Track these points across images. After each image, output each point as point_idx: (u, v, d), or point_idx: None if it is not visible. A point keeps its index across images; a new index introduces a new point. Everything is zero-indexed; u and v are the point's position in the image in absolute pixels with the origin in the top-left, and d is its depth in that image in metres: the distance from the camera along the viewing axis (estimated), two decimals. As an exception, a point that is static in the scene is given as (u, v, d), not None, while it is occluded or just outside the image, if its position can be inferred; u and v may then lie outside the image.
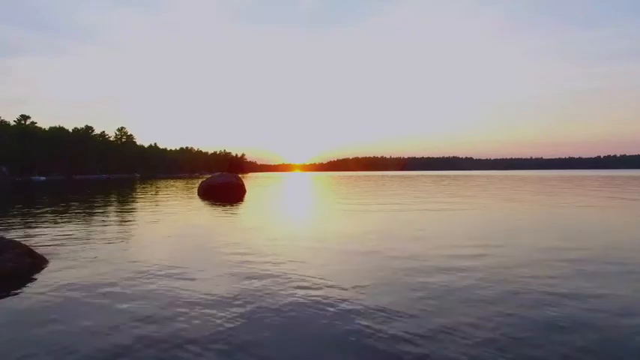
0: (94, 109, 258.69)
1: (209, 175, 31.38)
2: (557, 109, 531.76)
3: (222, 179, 24.15)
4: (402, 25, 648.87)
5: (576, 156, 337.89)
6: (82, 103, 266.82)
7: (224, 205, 18.19)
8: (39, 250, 7.25)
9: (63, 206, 18.72)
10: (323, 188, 37.96)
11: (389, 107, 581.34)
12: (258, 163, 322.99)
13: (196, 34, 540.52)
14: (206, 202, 20.56)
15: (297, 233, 10.23)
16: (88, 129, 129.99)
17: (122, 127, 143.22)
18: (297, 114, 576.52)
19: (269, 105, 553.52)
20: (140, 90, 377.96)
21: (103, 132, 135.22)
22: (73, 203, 20.67)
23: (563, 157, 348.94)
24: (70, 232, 10.23)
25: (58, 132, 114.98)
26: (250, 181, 65.63)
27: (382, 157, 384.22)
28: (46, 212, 15.73)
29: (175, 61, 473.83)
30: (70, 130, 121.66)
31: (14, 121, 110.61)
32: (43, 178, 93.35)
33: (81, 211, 16.39)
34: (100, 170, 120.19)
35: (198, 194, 24.17)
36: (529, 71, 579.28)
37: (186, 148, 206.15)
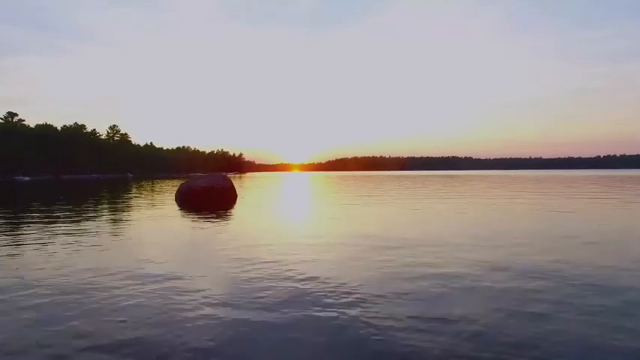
0: (94, 109, 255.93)
1: (202, 175, 26.39)
2: (557, 109, 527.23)
3: (205, 181, 18.84)
4: (401, 25, 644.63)
5: (576, 156, 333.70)
6: (82, 103, 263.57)
7: (206, 217, 13.12)
8: None
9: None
10: (333, 190, 32.72)
11: (388, 107, 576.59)
12: (257, 162, 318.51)
13: (196, 34, 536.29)
14: (184, 212, 15.53)
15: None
16: (80, 127, 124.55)
17: (114, 125, 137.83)
18: (295, 113, 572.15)
19: (268, 104, 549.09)
20: (140, 90, 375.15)
21: (94, 130, 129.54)
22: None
23: (563, 156, 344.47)
24: None
25: (45, 130, 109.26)
26: (247, 181, 61.29)
27: (381, 157, 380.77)
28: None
29: (175, 61, 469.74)
30: (59, 128, 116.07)
31: (0, 118, 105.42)
32: (26, 178, 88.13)
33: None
34: (91, 170, 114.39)
35: (176, 201, 19.02)
36: (529, 71, 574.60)
37: (183, 147, 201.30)
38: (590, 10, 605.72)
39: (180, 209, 16.43)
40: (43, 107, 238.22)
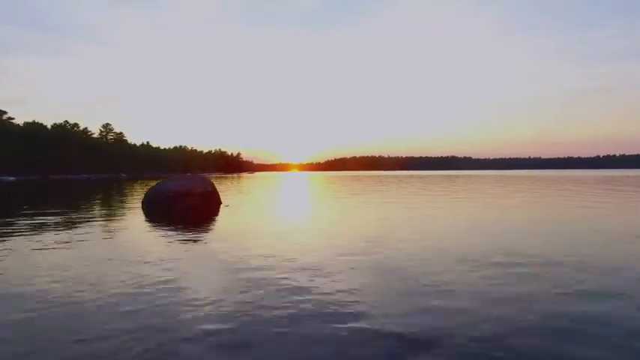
0: (94, 109, 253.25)
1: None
2: (557, 109, 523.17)
3: (178, 184, 14.98)
4: (401, 25, 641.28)
5: (575, 156, 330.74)
6: (81, 103, 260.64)
7: (177, 233, 9.32)
8: None
9: None
10: (344, 196, 28.73)
11: (388, 107, 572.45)
12: (255, 162, 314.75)
13: (196, 34, 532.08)
14: (150, 224, 11.76)
15: None
16: (72, 126, 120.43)
17: (107, 124, 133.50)
18: (295, 113, 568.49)
19: (267, 104, 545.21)
20: (140, 90, 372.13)
21: (86, 128, 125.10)
22: None
23: (563, 156, 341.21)
24: None
25: (33, 128, 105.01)
26: (244, 182, 57.77)
27: (380, 157, 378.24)
28: None
29: (174, 61, 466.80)
30: (49, 126, 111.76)
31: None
32: (12, 178, 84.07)
33: None
34: (83, 170, 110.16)
35: (142, 209, 15.20)
36: (529, 71, 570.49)
37: (181, 147, 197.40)
38: (590, 10, 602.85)
39: (149, 220, 12.63)
40: (43, 107, 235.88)
